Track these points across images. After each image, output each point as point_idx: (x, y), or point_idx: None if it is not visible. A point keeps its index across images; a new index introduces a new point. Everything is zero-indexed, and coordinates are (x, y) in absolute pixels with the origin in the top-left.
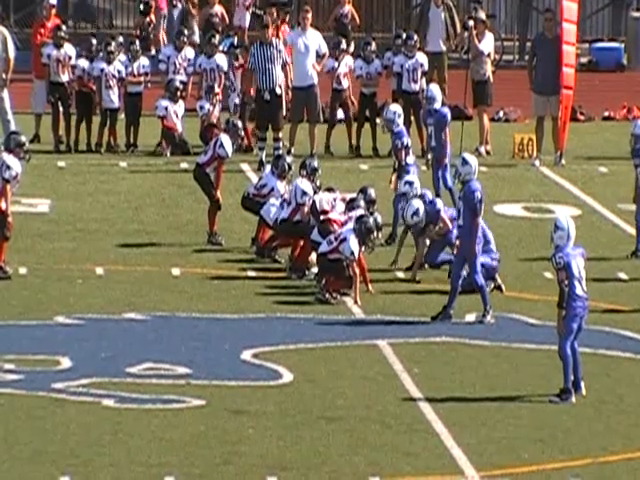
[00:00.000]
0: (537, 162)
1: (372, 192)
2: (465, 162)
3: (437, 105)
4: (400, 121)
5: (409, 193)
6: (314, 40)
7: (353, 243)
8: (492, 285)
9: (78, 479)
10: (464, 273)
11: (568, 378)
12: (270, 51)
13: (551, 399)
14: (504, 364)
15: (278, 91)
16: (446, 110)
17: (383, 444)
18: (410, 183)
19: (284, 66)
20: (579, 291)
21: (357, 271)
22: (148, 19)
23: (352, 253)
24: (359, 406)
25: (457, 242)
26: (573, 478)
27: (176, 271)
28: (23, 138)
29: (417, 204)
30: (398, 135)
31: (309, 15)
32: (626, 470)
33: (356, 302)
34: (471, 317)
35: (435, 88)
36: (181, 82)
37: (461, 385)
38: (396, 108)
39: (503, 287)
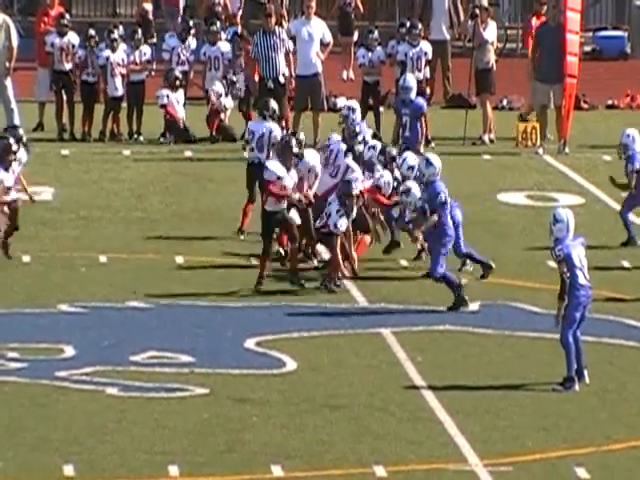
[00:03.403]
0: (541, 150)
1: (392, 150)
2: (429, 163)
3: (412, 95)
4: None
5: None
6: (318, 29)
7: (334, 217)
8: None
9: (82, 467)
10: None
11: (571, 367)
12: (273, 40)
13: (555, 387)
14: (507, 352)
15: (282, 80)
16: (422, 101)
17: (387, 432)
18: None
19: (287, 55)
20: (582, 280)
21: (338, 244)
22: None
23: (335, 226)
24: (362, 394)
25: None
26: (577, 466)
27: (179, 259)
28: (21, 131)
29: (411, 184)
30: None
31: (313, 4)
32: (629, 458)
33: (355, 273)
34: (474, 306)
35: (411, 78)
36: (182, 72)
37: (465, 373)
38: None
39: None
